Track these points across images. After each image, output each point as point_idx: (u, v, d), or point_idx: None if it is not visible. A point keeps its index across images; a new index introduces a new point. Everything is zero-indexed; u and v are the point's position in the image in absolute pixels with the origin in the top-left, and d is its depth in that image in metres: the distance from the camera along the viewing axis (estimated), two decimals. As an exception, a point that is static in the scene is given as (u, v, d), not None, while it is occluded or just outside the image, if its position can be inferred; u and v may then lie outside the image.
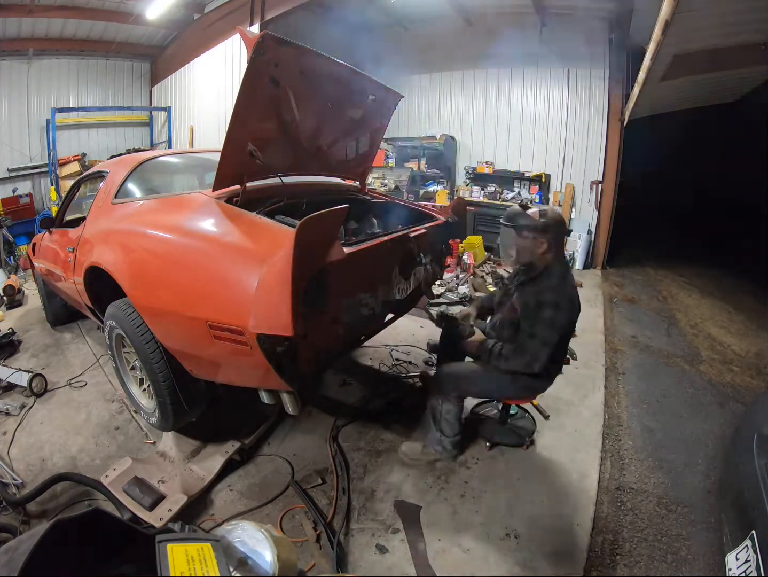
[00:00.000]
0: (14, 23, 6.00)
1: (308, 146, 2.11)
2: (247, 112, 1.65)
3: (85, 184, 3.09)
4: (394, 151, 6.95)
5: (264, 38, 1.49)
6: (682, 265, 6.59)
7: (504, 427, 2.29)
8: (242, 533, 0.88)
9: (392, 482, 1.99)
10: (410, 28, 7.43)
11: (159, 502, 1.73)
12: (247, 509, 1.82)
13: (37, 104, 6.79)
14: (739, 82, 4.58)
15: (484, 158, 7.06)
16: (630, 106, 5.04)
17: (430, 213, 2.66)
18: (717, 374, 3.27)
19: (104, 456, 2.13)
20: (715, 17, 2.77)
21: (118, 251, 1.90)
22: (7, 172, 6.58)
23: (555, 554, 1.66)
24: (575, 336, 3.60)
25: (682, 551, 1.75)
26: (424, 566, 1.59)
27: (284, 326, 1.25)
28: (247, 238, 1.56)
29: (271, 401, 1.65)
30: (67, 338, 3.42)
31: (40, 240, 3.21)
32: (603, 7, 5.39)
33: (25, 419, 2.41)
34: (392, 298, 2.09)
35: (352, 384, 2.78)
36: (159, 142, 7.94)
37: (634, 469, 2.21)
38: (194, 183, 2.64)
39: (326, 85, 1.93)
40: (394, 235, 2.03)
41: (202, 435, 2.13)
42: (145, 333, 1.80)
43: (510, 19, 6.42)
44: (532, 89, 6.57)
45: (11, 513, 1.77)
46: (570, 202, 6.32)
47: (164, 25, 6.93)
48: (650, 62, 3.42)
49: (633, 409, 2.74)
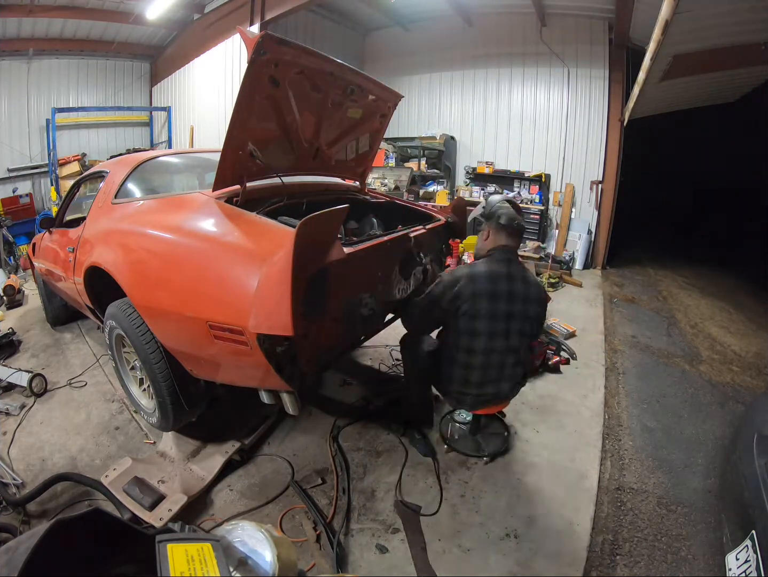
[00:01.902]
0: (14, 23, 5.99)
1: (308, 146, 2.12)
2: (247, 112, 1.65)
3: (85, 184, 3.09)
4: (394, 151, 6.94)
5: (264, 38, 1.49)
6: (682, 266, 6.60)
7: (472, 436, 2.24)
8: (242, 533, 0.88)
9: (392, 482, 1.99)
10: (410, 28, 7.44)
11: (159, 502, 1.73)
12: (247, 509, 1.81)
13: (37, 104, 6.79)
14: (739, 82, 4.58)
15: (484, 158, 7.06)
16: (630, 106, 5.04)
17: (430, 213, 2.66)
18: (717, 374, 3.27)
19: (104, 456, 2.13)
20: (715, 17, 2.77)
21: (118, 251, 1.90)
22: (7, 172, 6.57)
23: (555, 554, 1.66)
24: (574, 336, 3.61)
25: (682, 551, 1.75)
26: (424, 566, 1.59)
27: (284, 326, 1.25)
28: (247, 238, 1.56)
29: (271, 401, 1.66)
30: (67, 338, 3.42)
31: (40, 240, 3.21)
32: (603, 7, 5.39)
33: (25, 419, 2.41)
34: (392, 298, 2.09)
35: (352, 384, 2.78)
36: (159, 142, 7.93)
37: (634, 469, 2.21)
38: (194, 183, 2.64)
39: (326, 85, 1.93)
40: (394, 235, 2.03)
41: (202, 435, 2.13)
42: (145, 333, 1.80)
43: (510, 19, 6.44)
44: (532, 89, 6.57)
45: (11, 513, 1.77)
46: (570, 202, 6.32)
47: (164, 25, 6.92)
48: (650, 62, 3.42)
49: (633, 409, 2.74)
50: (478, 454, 2.17)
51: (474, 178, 7.07)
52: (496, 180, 6.84)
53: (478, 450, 2.18)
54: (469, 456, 2.16)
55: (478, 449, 2.19)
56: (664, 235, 9.16)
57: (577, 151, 6.28)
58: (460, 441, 2.23)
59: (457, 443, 2.22)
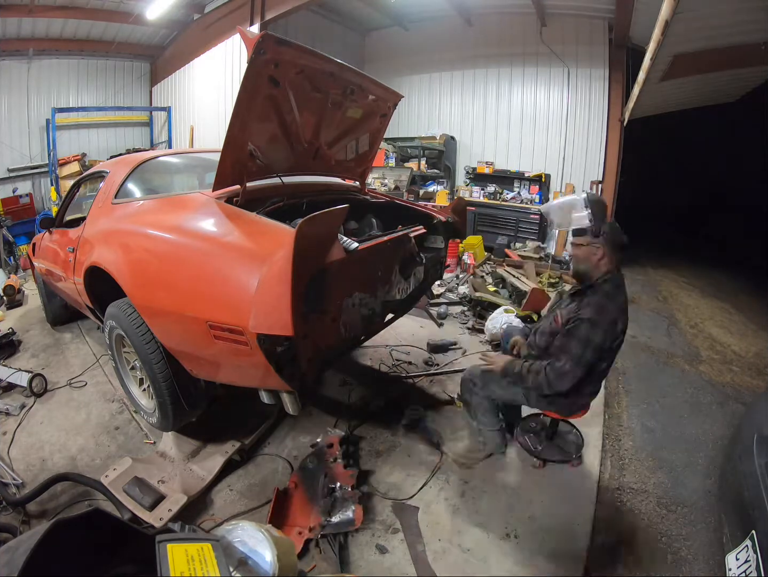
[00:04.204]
0: (14, 23, 6.00)
1: (308, 146, 2.12)
2: (247, 112, 1.65)
3: (85, 184, 3.09)
4: (394, 151, 6.95)
5: (264, 38, 1.49)
6: (682, 266, 6.59)
7: (551, 442, 2.18)
8: (242, 533, 0.88)
9: (392, 482, 1.99)
10: (410, 28, 7.44)
11: (159, 502, 1.73)
12: (247, 509, 1.81)
13: (37, 104, 6.80)
14: (739, 82, 4.58)
15: (484, 158, 7.06)
16: (630, 106, 5.04)
17: (431, 213, 2.66)
18: (717, 374, 3.27)
19: (104, 456, 2.13)
20: (715, 17, 2.77)
21: (118, 251, 1.90)
22: (7, 172, 6.58)
23: (555, 554, 1.66)
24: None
25: (682, 551, 1.74)
26: (424, 566, 1.59)
27: (284, 326, 1.25)
28: (247, 238, 1.56)
29: (271, 401, 1.66)
30: (67, 338, 3.42)
31: (40, 240, 3.21)
32: (603, 7, 5.40)
33: (25, 419, 2.41)
34: (392, 298, 2.09)
35: (352, 384, 2.78)
36: (159, 142, 7.94)
37: (634, 469, 2.21)
38: (194, 183, 2.64)
39: (326, 85, 1.93)
40: (394, 235, 2.03)
41: (202, 435, 2.13)
42: (145, 333, 1.80)
43: (510, 19, 6.44)
44: (532, 89, 6.57)
45: (11, 513, 1.77)
46: (570, 202, 6.32)
47: (164, 25, 6.93)
48: (650, 62, 3.42)
49: (633, 409, 2.74)
50: (568, 459, 2.12)
51: (474, 178, 7.07)
52: (496, 180, 6.85)
53: (564, 454, 2.14)
54: (563, 462, 2.11)
55: (563, 453, 2.14)
56: (665, 235, 9.15)
57: (577, 151, 6.29)
58: (545, 451, 2.14)
59: (543, 453, 2.12)
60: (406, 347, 3.28)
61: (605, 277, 1.74)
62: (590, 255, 1.74)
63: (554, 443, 2.18)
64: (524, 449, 2.15)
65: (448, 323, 3.81)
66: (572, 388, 1.68)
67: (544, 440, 2.17)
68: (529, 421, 2.30)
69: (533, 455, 2.12)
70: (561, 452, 2.15)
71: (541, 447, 2.14)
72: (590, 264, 1.75)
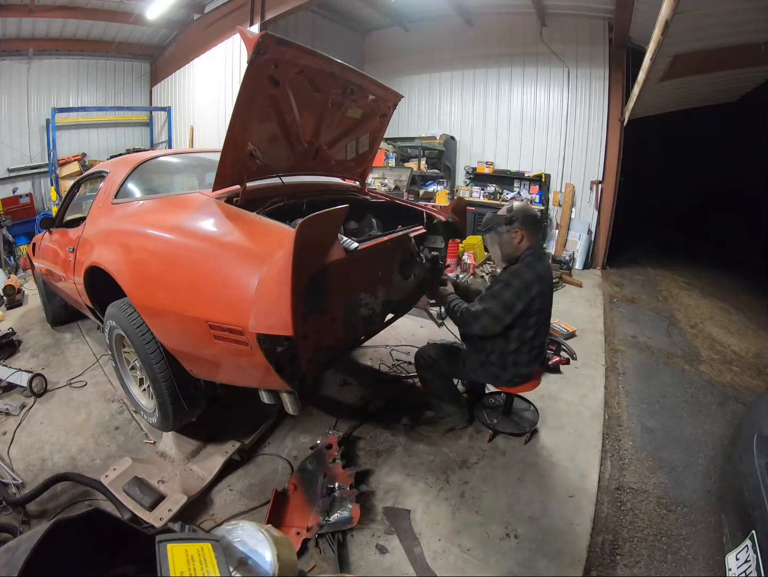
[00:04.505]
0: (14, 23, 6.00)
1: (308, 146, 2.11)
2: (247, 112, 1.65)
3: (85, 184, 3.09)
4: (394, 151, 6.94)
5: (264, 38, 1.49)
6: (682, 266, 6.59)
7: (508, 418, 2.35)
8: (242, 533, 0.88)
9: (392, 482, 1.99)
10: (410, 28, 7.44)
11: (159, 502, 1.73)
12: (247, 509, 1.81)
13: (37, 104, 6.79)
14: (739, 82, 4.58)
15: (484, 158, 7.05)
16: (630, 106, 5.04)
17: (431, 213, 2.66)
18: (717, 374, 3.27)
19: (104, 456, 2.13)
20: (715, 17, 2.76)
21: (119, 251, 1.90)
22: (7, 172, 6.58)
23: (555, 554, 1.66)
24: (574, 336, 3.62)
25: (682, 551, 1.75)
26: (423, 567, 1.59)
27: (284, 326, 1.25)
28: (247, 238, 1.56)
29: (271, 401, 1.65)
30: (67, 338, 3.42)
31: (40, 240, 3.21)
32: (603, 7, 5.39)
33: (25, 419, 2.41)
34: (392, 298, 2.08)
35: (352, 384, 2.78)
36: (159, 142, 7.94)
37: (634, 469, 2.21)
38: (194, 183, 2.64)
39: (326, 85, 1.93)
40: (394, 235, 2.03)
41: (202, 435, 2.13)
42: (145, 333, 1.80)
43: (510, 19, 6.43)
44: (532, 89, 6.56)
45: (11, 513, 1.77)
46: (570, 202, 6.32)
47: (164, 25, 6.93)
48: (650, 62, 3.41)
49: (633, 409, 2.74)
50: (522, 432, 2.28)
51: (474, 178, 7.06)
52: (496, 180, 6.84)
53: (518, 428, 2.31)
54: (516, 435, 2.28)
55: (518, 427, 2.31)
56: (665, 235, 9.15)
57: (577, 151, 6.28)
58: (500, 423, 2.31)
59: (498, 426, 2.30)
60: (406, 346, 3.28)
61: (526, 252, 1.99)
62: (511, 240, 1.99)
63: (511, 418, 2.36)
64: (481, 422, 2.34)
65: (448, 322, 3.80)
66: (493, 345, 2.00)
67: (500, 415, 2.35)
68: (489, 397, 2.51)
69: (488, 427, 2.29)
70: (516, 426, 2.32)
71: (497, 421, 2.32)
72: (512, 247, 2.00)
